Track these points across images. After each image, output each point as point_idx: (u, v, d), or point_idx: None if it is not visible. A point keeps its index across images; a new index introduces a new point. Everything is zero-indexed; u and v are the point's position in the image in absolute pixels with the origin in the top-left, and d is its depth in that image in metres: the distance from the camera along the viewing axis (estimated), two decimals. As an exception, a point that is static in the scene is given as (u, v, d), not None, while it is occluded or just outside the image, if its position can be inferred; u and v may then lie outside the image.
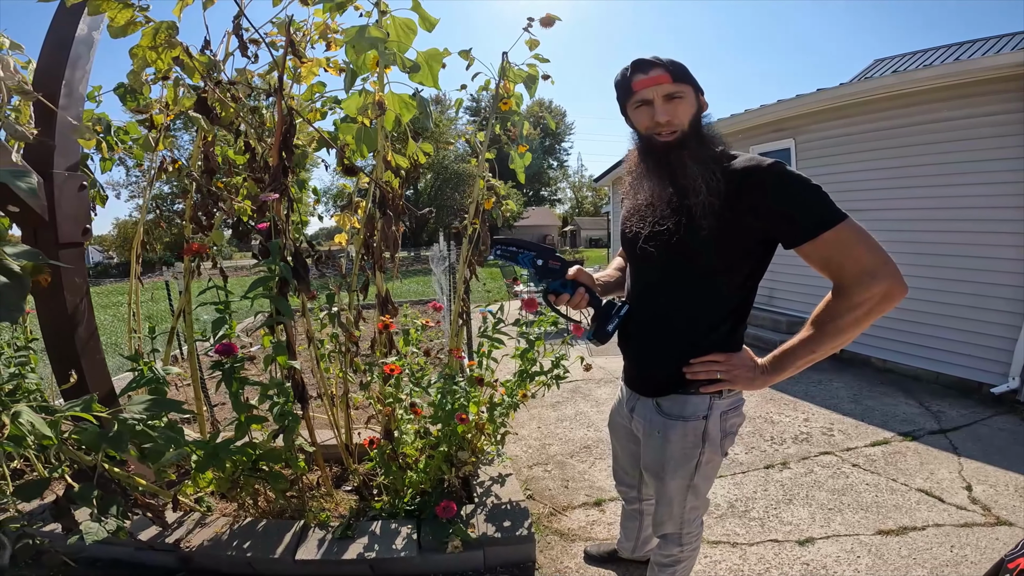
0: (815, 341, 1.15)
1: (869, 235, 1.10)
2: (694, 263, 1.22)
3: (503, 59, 2.27)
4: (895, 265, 1.08)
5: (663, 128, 1.20)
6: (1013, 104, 3.95)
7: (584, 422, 3.65)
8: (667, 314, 1.30)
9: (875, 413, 3.75)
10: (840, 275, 1.11)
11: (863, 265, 1.08)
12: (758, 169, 1.13)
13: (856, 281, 1.08)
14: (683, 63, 1.21)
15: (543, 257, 1.33)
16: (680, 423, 1.30)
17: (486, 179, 2.77)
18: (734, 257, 1.20)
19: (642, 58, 1.21)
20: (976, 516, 2.38)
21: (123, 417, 1.42)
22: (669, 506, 1.42)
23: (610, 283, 1.57)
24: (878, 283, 1.07)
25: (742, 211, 1.13)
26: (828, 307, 1.14)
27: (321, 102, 2.62)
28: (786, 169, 1.11)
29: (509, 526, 2.03)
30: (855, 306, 1.09)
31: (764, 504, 2.53)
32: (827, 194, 1.10)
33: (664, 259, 1.25)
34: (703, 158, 1.18)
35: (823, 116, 5.48)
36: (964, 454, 3.05)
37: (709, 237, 1.16)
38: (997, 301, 4.14)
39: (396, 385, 2.08)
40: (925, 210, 4.58)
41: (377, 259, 2.42)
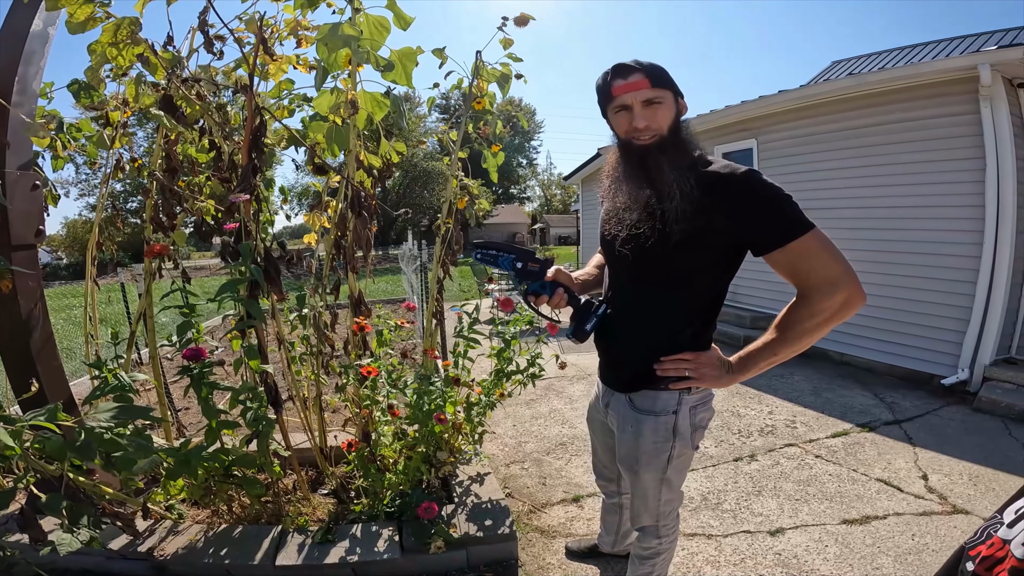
0: (778, 344, 1.21)
1: (833, 245, 1.15)
2: (667, 266, 1.26)
3: (477, 58, 2.27)
4: (856, 275, 1.14)
5: (641, 133, 1.22)
6: (963, 107, 4.15)
7: (559, 419, 3.69)
8: (640, 313, 1.34)
9: (834, 405, 3.92)
10: (805, 282, 1.16)
11: (826, 274, 1.13)
12: (732, 177, 1.16)
13: (819, 289, 1.13)
14: (663, 67, 1.22)
15: (523, 259, 1.36)
16: (651, 418, 1.35)
17: (459, 178, 2.76)
18: (706, 261, 1.24)
19: (622, 63, 1.22)
20: (934, 505, 2.50)
21: (90, 426, 1.37)
22: (644, 499, 1.46)
23: (589, 281, 1.60)
24: (839, 291, 1.12)
25: (715, 217, 1.17)
26: (791, 312, 1.19)
27: (289, 100, 2.57)
28: (759, 178, 1.15)
29: (491, 525, 2.04)
30: (816, 313, 1.14)
31: (735, 496, 2.61)
32: (796, 204, 1.15)
33: (639, 261, 1.29)
34: (680, 163, 1.21)
35: (784, 117, 5.67)
36: (919, 444, 3.21)
37: (681, 241, 1.19)
38: (947, 296, 4.36)
39: (372, 387, 2.06)
40: (881, 208, 4.78)
41: (349, 259, 2.39)
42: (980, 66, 3.83)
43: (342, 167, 2.35)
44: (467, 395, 2.28)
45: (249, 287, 1.92)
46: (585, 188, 11.05)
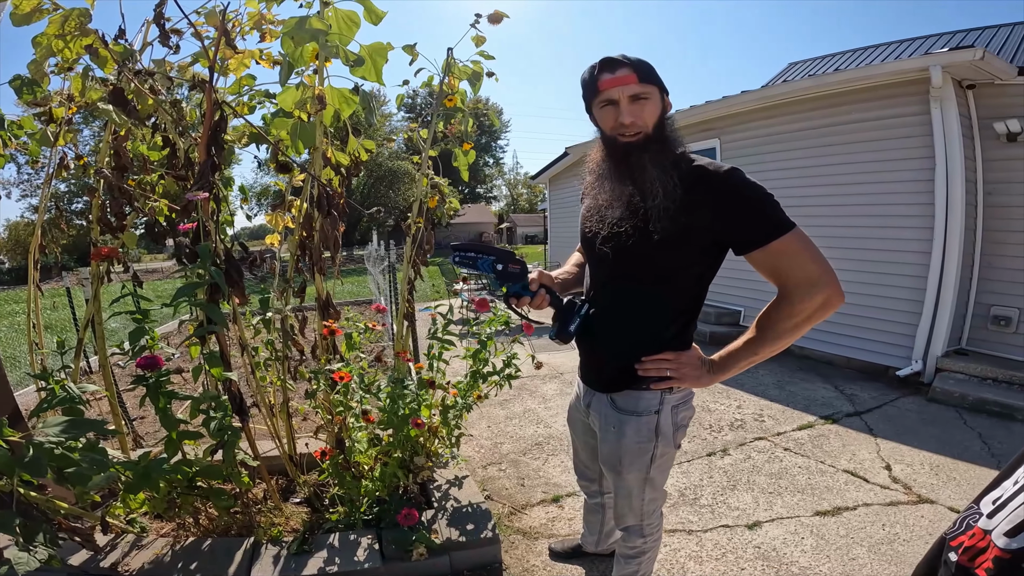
0: (758, 343, 1.22)
1: (814, 245, 1.15)
2: (649, 264, 1.25)
3: (448, 55, 2.22)
4: (835, 275, 1.15)
5: (627, 129, 1.20)
6: (915, 107, 4.33)
7: (533, 419, 3.67)
8: (622, 312, 1.33)
9: (798, 398, 4.03)
10: (785, 282, 1.16)
11: (807, 274, 1.13)
12: (715, 175, 1.16)
13: (799, 289, 1.14)
14: (650, 63, 1.21)
15: (503, 261, 1.32)
16: (634, 418, 1.34)
17: (429, 177, 2.71)
18: (687, 259, 1.24)
19: (610, 56, 1.20)
20: (899, 495, 2.59)
21: (38, 441, 1.27)
22: (628, 499, 1.46)
23: (569, 280, 1.58)
24: (819, 292, 1.13)
25: (698, 215, 1.16)
26: (771, 312, 1.20)
27: (249, 96, 2.47)
28: (742, 176, 1.15)
29: (472, 529, 2.01)
30: (796, 312, 1.15)
31: (711, 491, 2.65)
32: (778, 203, 1.15)
33: (621, 259, 1.27)
34: (664, 161, 1.19)
35: (746, 117, 5.81)
36: (880, 435, 3.32)
37: (664, 239, 1.18)
38: (900, 290, 4.55)
39: (345, 393, 1.99)
40: (839, 206, 4.95)
41: (316, 260, 2.31)
42: (931, 68, 3.99)
43: (307, 165, 2.27)
44: (443, 398, 2.23)
45: (209, 291, 1.83)
46: (553, 187, 11.09)
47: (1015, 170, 4.18)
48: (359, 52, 1.80)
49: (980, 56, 3.74)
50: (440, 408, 2.21)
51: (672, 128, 1.25)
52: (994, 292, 4.36)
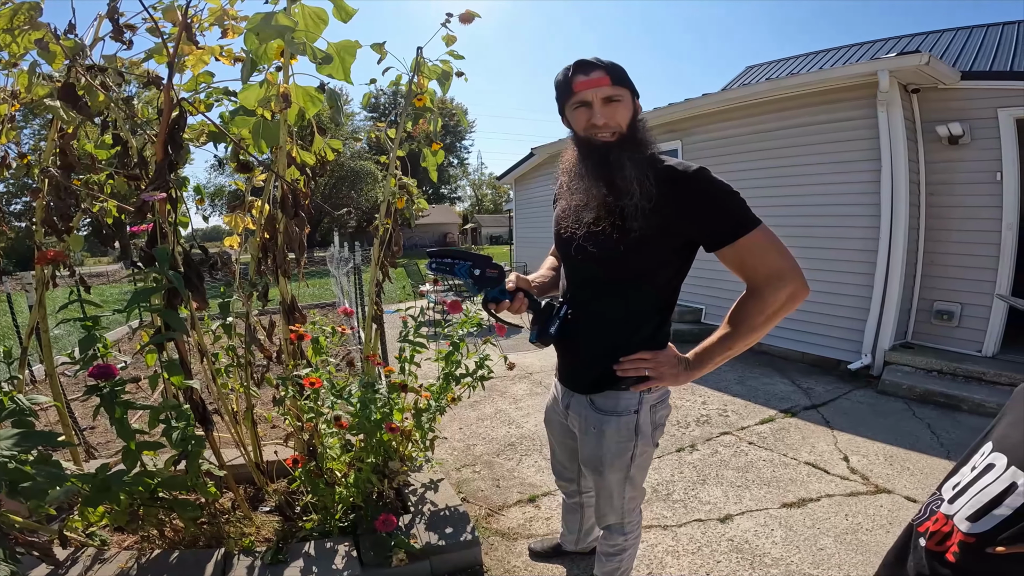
0: (731, 339, 1.24)
1: (779, 241, 1.20)
2: (625, 264, 1.26)
3: (418, 54, 2.20)
4: (800, 269, 1.20)
5: (601, 130, 1.22)
6: (863, 111, 4.53)
7: (504, 420, 3.67)
8: (598, 313, 1.34)
9: (759, 393, 4.17)
10: (753, 277, 1.20)
11: (773, 268, 1.17)
12: (684, 174, 1.19)
13: (767, 283, 1.18)
14: (622, 66, 1.23)
15: (480, 266, 1.31)
16: (614, 418, 1.36)
17: (397, 177, 2.67)
18: (661, 258, 1.26)
19: (584, 59, 1.22)
20: (858, 485, 2.70)
21: (-9, 456, 1.19)
22: (610, 498, 1.47)
23: (545, 283, 1.59)
24: (786, 285, 1.17)
25: (668, 214, 1.19)
26: (742, 307, 1.23)
27: (206, 94, 2.38)
28: (709, 175, 1.19)
29: (452, 532, 1.99)
30: (766, 306, 1.18)
31: (683, 486, 2.71)
32: (744, 200, 1.19)
33: (596, 259, 1.29)
34: (638, 161, 1.21)
35: (707, 119, 5.95)
36: (836, 427, 3.46)
37: (639, 239, 1.21)
38: (850, 287, 4.75)
39: (315, 398, 1.94)
40: (793, 207, 5.13)
41: (280, 263, 2.25)
42: (879, 72, 4.18)
43: (269, 164, 2.20)
44: (415, 401, 2.20)
45: (167, 296, 1.75)
46: (519, 187, 11.11)
47: (956, 172, 4.44)
48: (327, 49, 1.76)
49: (926, 61, 3.93)
50: (413, 411, 2.18)
51: (644, 129, 1.27)
52: (937, 288, 4.61)
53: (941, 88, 4.39)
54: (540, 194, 10.03)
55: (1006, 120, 4.11)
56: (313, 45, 1.71)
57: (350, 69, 1.86)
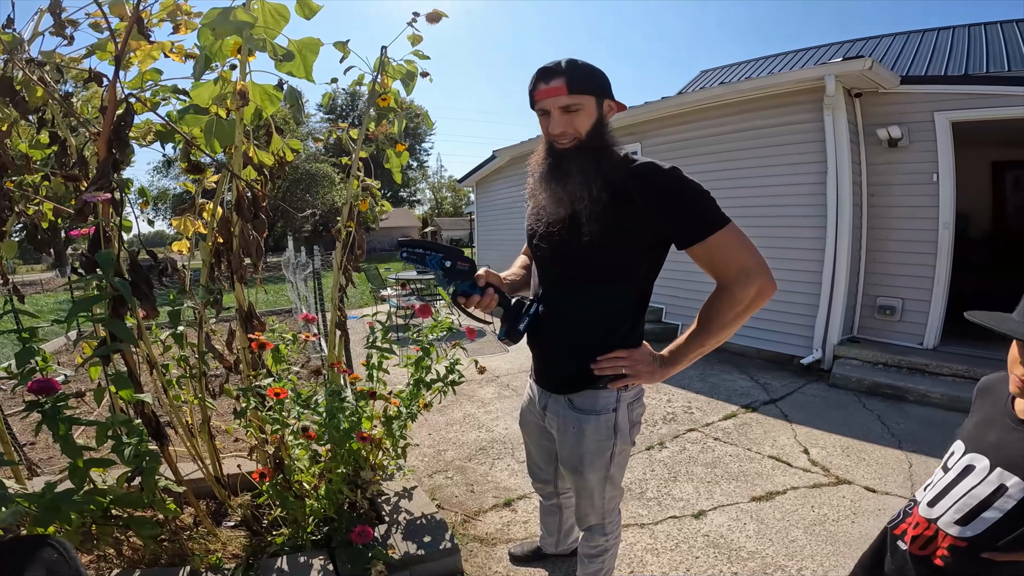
0: (704, 335, 1.26)
1: (747, 238, 1.23)
2: (590, 264, 1.28)
3: (382, 53, 2.14)
4: (767, 266, 1.23)
5: (558, 138, 1.25)
6: (811, 114, 4.72)
7: (474, 424, 3.63)
8: (571, 312, 1.34)
9: (720, 389, 4.28)
10: (723, 274, 1.23)
11: (743, 265, 1.20)
12: (655, 173, 1.21)
13: (736, 280, 1.21)
14: (590, 68, 1.23)
15: (451, 259, 1.29)
16: (593, 417, 1.36)
17: (360, 179, 2.60)
18: (626, 256, 1.27)
19: (547, 66, 1.22)
20: (820, 477, 2.80)
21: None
22: (590, 499, 1.47)
23: (516, 282, 1.59)
24: (754, 282, 1.20)
25: (638, 212, 1.21)
26: (712, 304, 1.26)
27: (152, 91, 2.26)
28: (680, 175, 1.21)
29: (430, 541, 1.95)
30: (736, 303, 1.21)
31: (655, 484, 2.74)
32: (714, 199, 1.22)
33: (564, 260, 1.32)
34: (594, 166, 1.23)
35: (665, 122, 6.07)
36: (794, 420, 3.59)
37: (594, 241, 1.23)
38: (800, 284, 4.93)
39: (280, 409, 1.86)
40: (749, 207, 5.27)
41: (236, 268, 2.16)
42: (826, 77, 4.36)
43: (222, 165, 2.10)
44: (385, 408, 2.14)
45: (112, 304, 1.64)
46: (480, 190, 11.08)
47: (895, 173, 4.70)
48: (288, 46, 1.69)
49: (869, 66, 4.13)
50: (383, 419, 2.12)
51: (606, 134, 1.28)
52: (879, 284, 4.86)
53: (882, 92, 4.62)
54: (502, 196, 10.03)
55: (942, 123, 4.37)
56: (274, 42, 1.64)
57: (312, 67, 1.80)
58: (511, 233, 9.58)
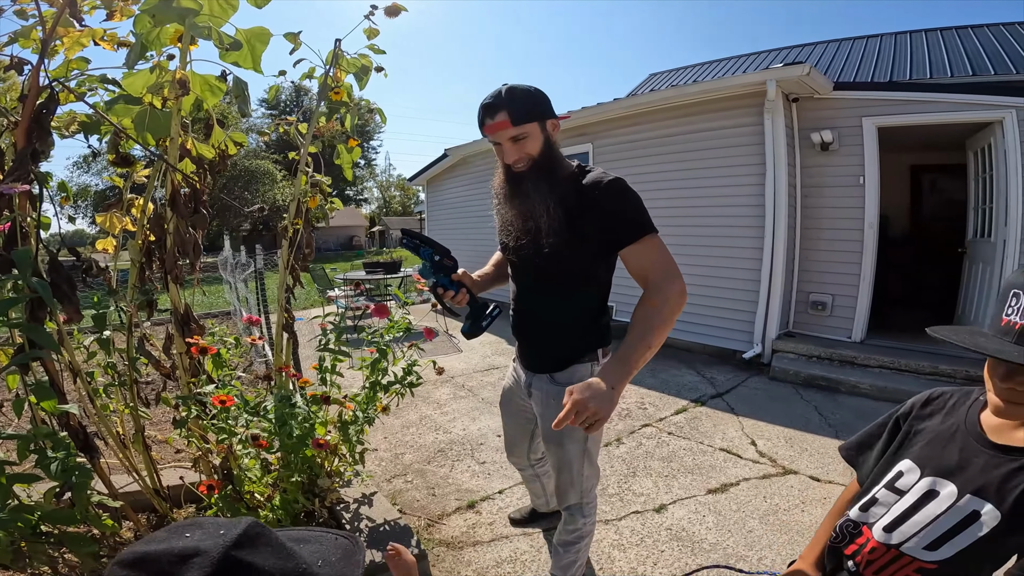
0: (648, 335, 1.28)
1: (666, 247, 1.41)
2: (554, 270, 1.48)
3: (336, 46, 2.07)
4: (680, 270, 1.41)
5: (514, 163, 1.41)
6: (752, 118, 4.92)
7: (431, 426, 3.58)
8: (544, 309, 1.57)
9: (670, 384, 4.41)
10: (652, 273, 1.36)
11: (668, 267, 1.36)
12: (602, 184, 1.39)
13: (664, 278, 1.34)
14: (530, 94, 1.36)
15: (441, 254, 1.52)
16: None
17: (309, 174, 2.50)
18: (589, 260, 1.47)
19: (489, 101, 1.36)
20: (769, 468, 2.92)
21: None
22: (569, 472, 1.61)
23: (488, 276, 1.78)
24: (676, 280, 1.33)
25: (591, 221, 1.39)
26: (642, 309, 1.32)
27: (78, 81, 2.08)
28: (624, 184, 1.40)
29: None
30: (667, 298, 1.31)
31: (616, 480, 2.78)
32: (647, 210, 1.41)
33: (531, 268, 1.53)
34: (547, 185, 1.39)
35: (616, 123, 6.17)
36: (740, 413, 3.73)
37: (560, 250, 1.41)
38: (741, 282, 5.15)
39: (225, 418, 1.74)
40: (695, 207, 5.48)
41: (170, 268, 2.03)
42: (768, 82, 4.56)
43: (161, 157, 1.97)
44: (340, 413, 2.06)
45: (30, 307, 1.51)
46: (431, 189, 10.92)
47: (826, 176, 4.99)
48: (235, 35, 1.60)
49: (807, 72, 4.35)
50: (338, 424, 2.04)
51: (557, 149, 1.45)
52: (812, 281, 5.15)
53: (816, 98, 4.89)
54: (454, 195, 9.93)
55: (869, 128, 4.68)
56: (220, 30, 1.55)
57: (260, 58, 1.71)
58: (462, 232, 9.50)
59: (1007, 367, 0.73)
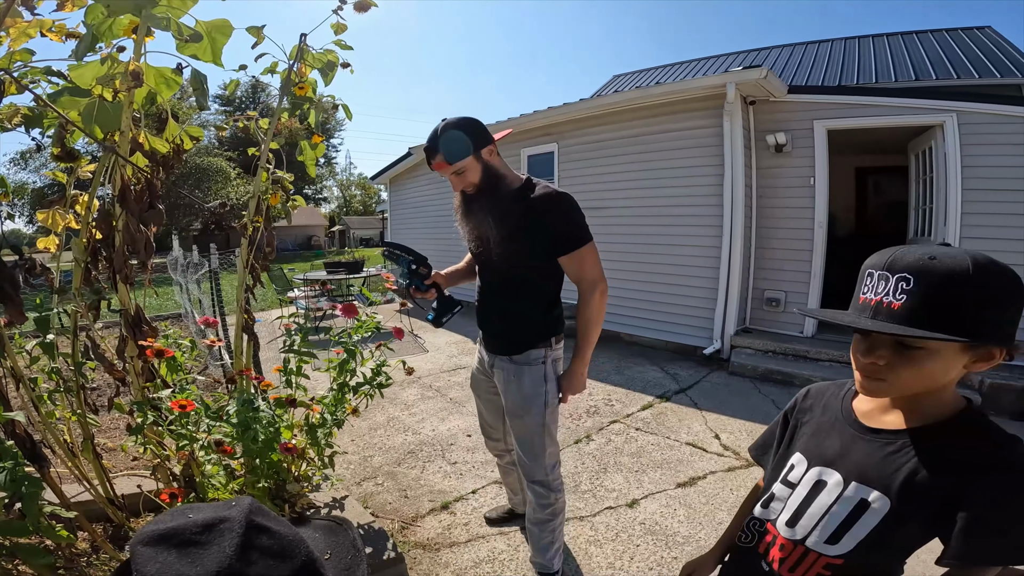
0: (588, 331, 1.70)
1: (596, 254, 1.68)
2: (508, 274, 1.73)
3: (301, 40, 2.02)
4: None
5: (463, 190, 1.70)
6: (711, 120, 5.06)
7: (400, 427, 3.53)
8: (503, 304, 1.79)
9: (636, 381, 4.50)
10: (583, 278, 1.66)
11: (592, 276, 1.66)
12: (546, 198, 1.63)
13: (593, 283, 1.66)
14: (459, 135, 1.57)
15: (418, 263, 1.79)
16: (528, 367, 1.76)
17: (270, 171, 2.43)
18: (538, 264, 1.70)
19: (426, 146, 1.64)
20: (733, 461, 3.00)
21: None
22: (531, 446, 1.79)
23: (459, 272, 2.00)
24: (600, 283, 1.66)
25: (534, 230, 1.63)
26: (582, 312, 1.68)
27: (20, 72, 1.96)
28: (569, 198, 1.65)
29: (371, 552, 1.87)
30: (593, 303, 1.66)
31: (588, 476, 2.81)
32: (584, 222, 1.66)
33: (489, 271, 1.79)
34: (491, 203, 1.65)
35: (581, 124, 6.23)
36: (703, 408, 3.83)
37: (510, 258, 1.67)
38: (701, 279, 5.29)
39: (183, 423, 1.67)
40: (656, 206, 5.60)
41: (119, 267, 1.95)
42: (728, 84, 4.70)
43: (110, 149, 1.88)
44: (307, 416, 2.01)
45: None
46: (394, 187, 10.77)
47: (780, 177, 5.19)
48: (195, 27, 1.54)
49: (764, 75, 4.51)
50: (305, 428, 1.99)
51: (498, 169, 1.68)
52: (767, 279, 5.35)
53: (772, 101, 5.07)
54: (417, 194, 9.82)
55: (820, 131, 4.89)
56: (179, 21, 1.49)
57: (221, 51, 1.66)
58: (425, 231, 9.42)
59: (867, 343, 0.78)
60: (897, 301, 0.71)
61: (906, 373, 0.74)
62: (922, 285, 0.68)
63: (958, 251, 0.69)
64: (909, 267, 0.70)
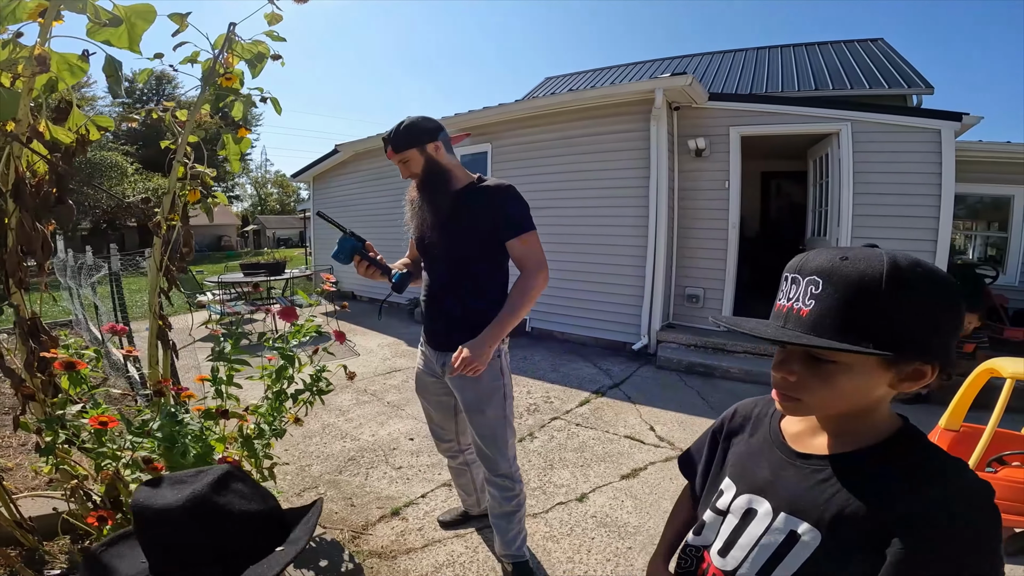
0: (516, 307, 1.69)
1: (539, 242, 1.75)
2: (455, 262, 1.75)
3: (230, 30, 1.90)
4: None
5: (410, 178, 1.78)
6: (639, 124, 5.28)
7: (337, 434, 3.41)
8: (453, 294, 1.78)
9: (571, 378, 4.61)
10: (526, 264, 1.71)
11: (538, 259, 1.72)
12: (496, 186, 1.73)
13: (536, 268, 1.70)
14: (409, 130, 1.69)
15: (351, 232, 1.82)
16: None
17: (188, 165, 2.27)
18: (486, 250, 1.74)
19: (384, 135, 1.74)
20: (669, 451, 3.13)
21: None
22: (494, 440, 1.81)
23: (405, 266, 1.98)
24: (542, 270, 1.71)
25: (483, 219, 1.70)
26: (519, 286, 1.71)
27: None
28: (512, 191, 1.73)
29: (328, 565, 1.81)
30: (536, 284, 1.69)
31: (536, 474, 2.84)
32: (529, 211, 1.74)
33: (437, 260, 1.80)
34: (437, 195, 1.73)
35: (515, 125, 6.29)
36: (637, 401, 3.98)
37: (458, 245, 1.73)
38: (629, 278, 5.50)
39: (100, 441, 1.52)
40: (587, 207, 5.77)
41: (13, 270, 1.78)
42: (656, 90, 4.92)
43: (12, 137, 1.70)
44: (240, 427, 1.89)
45: None
46: (318, 186, 10.32)
47: (699, 180, 5.51)
48: (114, 11, 1.42)
49: (689, 83, 4.76)
50: (240, 439, 1.88)
51: (444, 166, 1.75)
52: (687, 276, 5.67)
53: (695, 107, 5.36)
54: (345, 193, 9.48)
55: (735, 137, 5.24)
56: (96, 4, 1.37)
57: (140, 37, 1.53)
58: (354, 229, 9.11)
59: (781, 355, 0.69)
60: (805, 307, 0.63)
61: (820, 391, 0.65)
62: (830, 289, 0.61)
63: (876, 252, 0.61)
64: (819, 269, 0.63)
